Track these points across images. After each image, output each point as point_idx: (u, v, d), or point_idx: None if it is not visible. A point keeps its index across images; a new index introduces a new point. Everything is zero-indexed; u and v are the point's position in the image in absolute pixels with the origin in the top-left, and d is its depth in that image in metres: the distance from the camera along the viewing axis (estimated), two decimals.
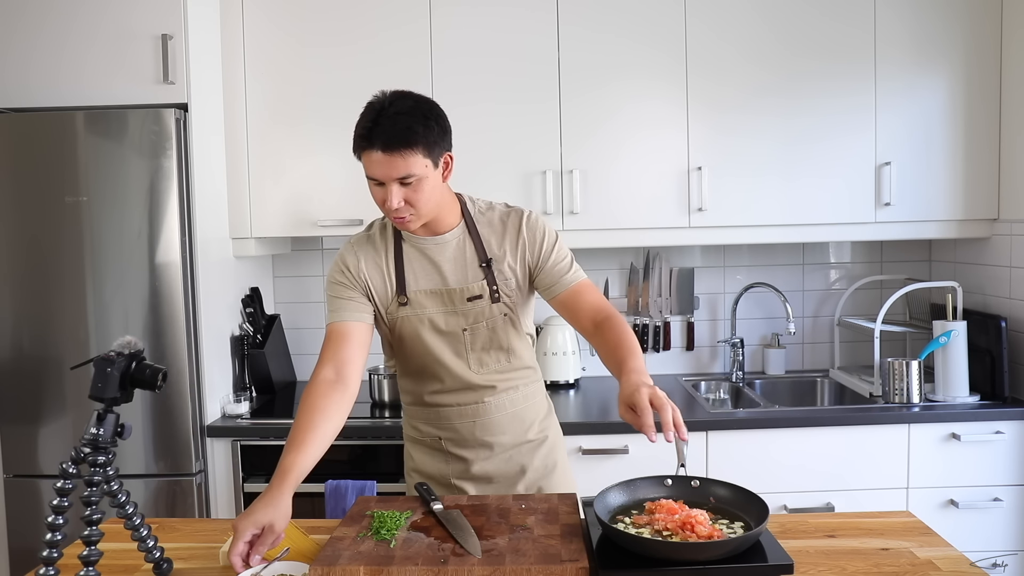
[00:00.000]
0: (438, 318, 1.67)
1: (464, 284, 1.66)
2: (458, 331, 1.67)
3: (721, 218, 2.66)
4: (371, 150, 1.50)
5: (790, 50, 2.62)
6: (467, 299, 1.66)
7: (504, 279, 1.68)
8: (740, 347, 2.96)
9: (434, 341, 1.68)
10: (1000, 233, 2.66)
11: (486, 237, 1.69)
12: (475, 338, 1.68)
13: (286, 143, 2.66)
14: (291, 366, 3.08)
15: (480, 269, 1.67)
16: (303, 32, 2.64)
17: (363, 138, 1.51)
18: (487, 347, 1.70)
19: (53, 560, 1.24)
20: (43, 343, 2.39)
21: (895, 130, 2.64)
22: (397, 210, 1.55)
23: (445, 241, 1.68)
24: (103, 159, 2.35)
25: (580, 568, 1.23)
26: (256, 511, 1.33)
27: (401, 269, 1.67)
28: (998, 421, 2.42)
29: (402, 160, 1.50)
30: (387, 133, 1.49)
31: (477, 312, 1.67)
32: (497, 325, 1.69)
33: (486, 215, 1.72)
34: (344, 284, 1.68)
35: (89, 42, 2.39)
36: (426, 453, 1.80)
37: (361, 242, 1.73)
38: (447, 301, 1.66)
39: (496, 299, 1.67)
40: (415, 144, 1.50)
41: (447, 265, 1.67)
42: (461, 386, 1.71)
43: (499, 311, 1.68)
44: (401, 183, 1.52)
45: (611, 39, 2.62)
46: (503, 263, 1.68)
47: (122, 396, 1.27)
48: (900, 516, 1.55)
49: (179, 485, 2.41)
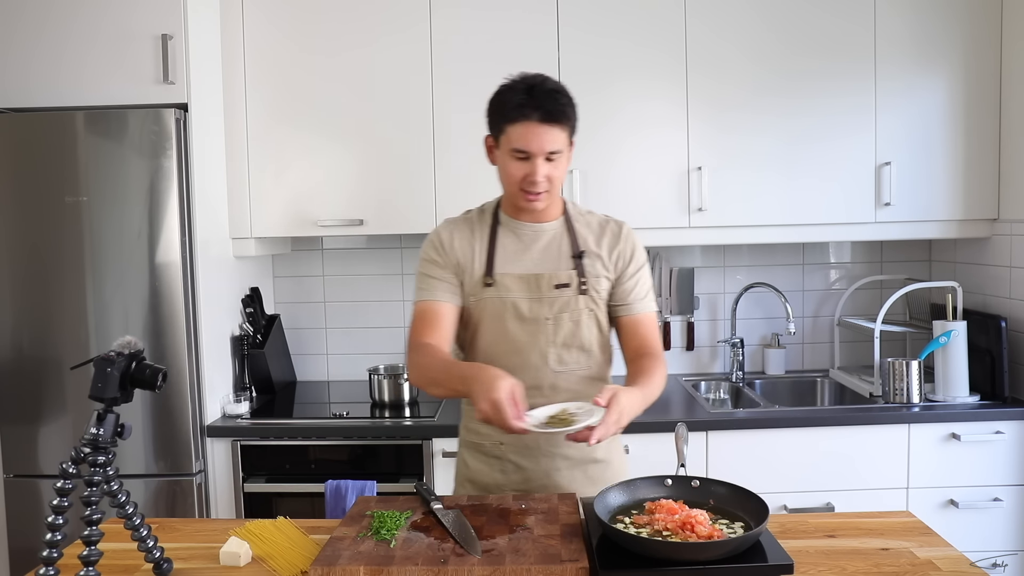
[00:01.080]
0: (522, 304, 1.63)
1: (553, 271, 1.65)
2: (541, 319, 1.63)
3: (721, 218, 2.66)
4: (527, 121, 1.52)
5: (790, 49, 2.62)
6: (554, 286, 1.63)
7: (595, 275, 1.66)
8: (740, 347, 2.96)
9: (516, 328, 1.64)
10: (1000, 233, 2.66)
11: (583, 234, 1.68)
12: (558, 330, 1.64)
13: (286, 143, 2.67)
14: (291, 366, 3.08)
15: (571, 260, 1.66)
16: (303, 33, 2.64)
17: (521, 107, 1.52)
18: (569, 343, 1.65)
19: (53, 560, 1.24)
20: (43, 343, 2.39)
21: (895, 130, 2.64)
22: (538, 185, 1.56)
23: (544, 230, 1.68)
24: (103, 159, 2.35)
25: (580, 568, 1.23)
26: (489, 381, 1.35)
27: (492, 251, 1.66)
28: (998, 421, 2.42)
29: (557, 132, 1.53)
30: (547, 104, 1.52)
31: (563, 302, 1.63)
32: (581, 320, 1.65)
33: (584, 216, 1.72)
34: (436, 262, 1.68)
35: (89, 42, 2.39)
36: (483, 461, 1.72)
37: (457, 221, 1.73)
38: (533, 287, 1.64)
39: (583, 291, 1.64)
40: (568, 120, 1.55)
41: (540, 252, 1.66)
42: (534, 384, 1.63)
43: (585, 305, 1.65)
44: (547, 158, 1.55)
45: (611, 42, 2.62)
46: (596, 260, 1.67)
47: (122, 396, 1.27)
48: (900, 516, 1.55)
49: (179, 485, 2.41)
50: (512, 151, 1.56)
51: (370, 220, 2.67)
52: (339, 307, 3.11)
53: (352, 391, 2.93)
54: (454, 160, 2.65)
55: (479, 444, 1.73)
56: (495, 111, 1.59)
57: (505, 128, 1.56)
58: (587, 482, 1.69)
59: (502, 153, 1.59)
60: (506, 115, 1.55)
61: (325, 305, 3.11)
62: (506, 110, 1.55)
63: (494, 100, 1.60)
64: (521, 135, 1.53)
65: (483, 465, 1.73)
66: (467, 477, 1.76)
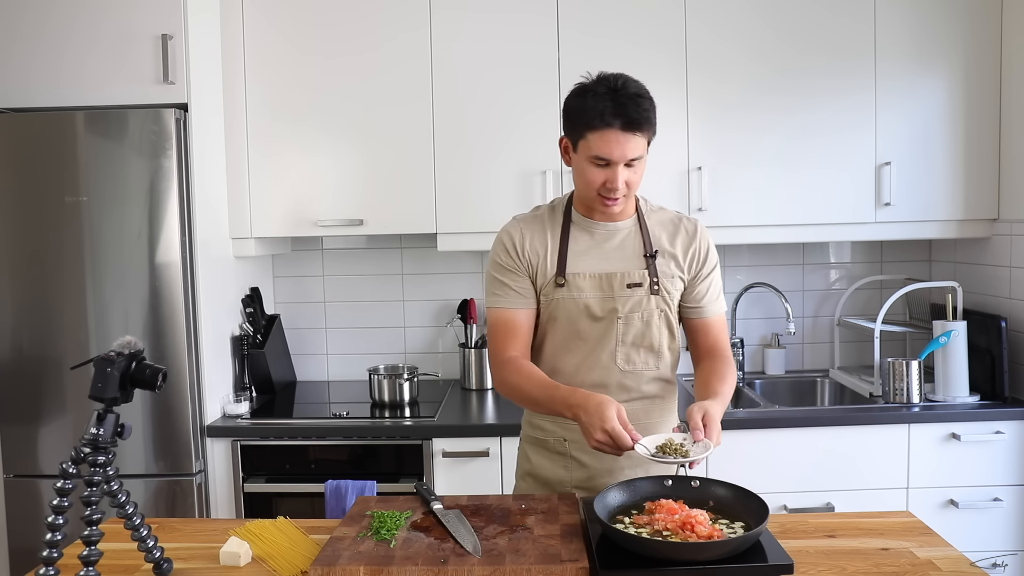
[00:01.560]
0: (594, 303, 1.62)
1: (626, 270, 1.64)
2: (612, 318, 1.63)
3: (721, 218, 2.66)
4: (609, 129, 1.49)
5: (790, 48, 2.62)
6: (627, 285, 1.62)
7: (668, 275, 1.64)
8: (740, 347, 2.96)
9: (587, 327, 1.63)
10: (1000, 233, 2.66)
11: (656, 233, 1.67)
12: (628, 329, 1.63)
13: (286, 143, 2.67)
14: (291, 366, 3.08)
15: (644, 259, 1.65)
16: (303, 33, 2.64)
17: (603, 116, 1.49)
18: (638, 343, 1.64)
19: (53, 560, 1.24)
20: (43, 343, 2.39)
21: (895, 130, 2.64)
22: (617, 191, 1.55)
23: (617, 229, 1.67)
24: (103, 159, 2.35)
25: (580, 568, 1.23)
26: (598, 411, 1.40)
27: (564, 250, 1.65)
28: (998, 421, 2.42)
29: (638, 140, 1.52)
30: (630, 112, 1.49)
31: (635, 301, 1.62)
32: (652, 320, 1.64)
33: (657, 214, 1.71)
34: (508, 267, 1.66)
35: (89, 42, 2.39)
36: (546, 457, 1.73)
37: (527, 220, 1.71)
38: (606, 286, 1.63)
39: (655, 291, 1.63)
40: (650, 126, 1.53)
41: (613, 252, 1.65)
42: (600, 382, 1.65)
43: (656, 305, 1.64)
44: (628, 164, 1.53)
45: (611, 42, 2.62)
46: (670, 260, 1.65)
47: (122, 396, 1.27)
48: (900, 516, 1.55)
49: (179, 485, 2.41)
50: (592, 158, 1.54)
51: (370, 220, 2.67)
52: (339, 307, 3.11)
53: (352, 391, 2.93)
54: (454, 160, 2.65)
55: (543, 440, 1.73)
56: (575, 115, 1.55)
57: (585, 134, 1.53)
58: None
59: (580, 158, 1.57)
60: (588, 122, 1.51)
61: (325, 305, 3.11)
62: (588, 117, 1.51)
63: (573, 103, 1.56)
64: (603, 143, 1.51)
65: (546, 460, 1.72)
66: (528, 471, 1.76)
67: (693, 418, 1.44)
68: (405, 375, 2.69)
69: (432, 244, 2.79)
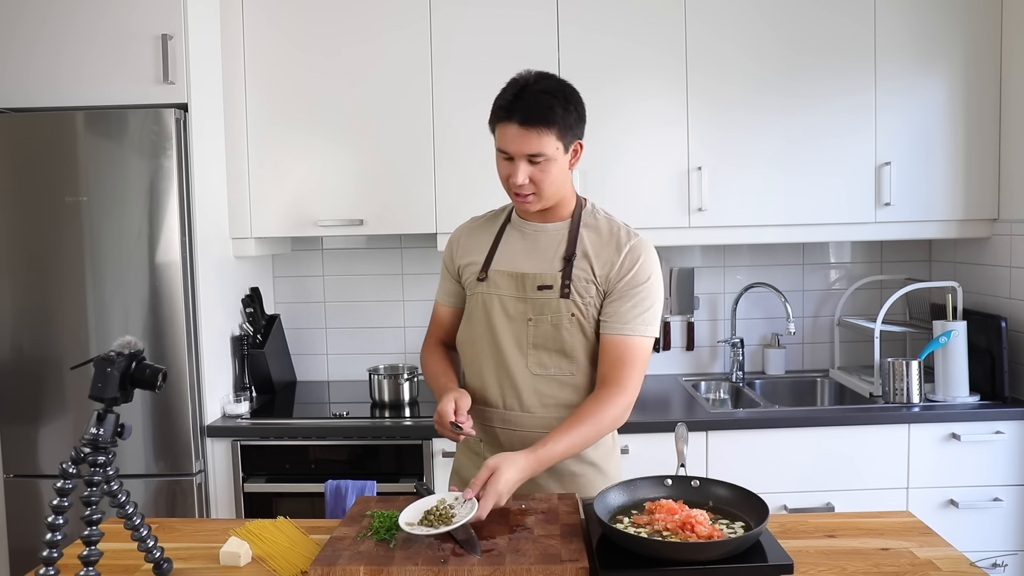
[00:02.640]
0: (508, 301, 1.64)
1: (540, 272, 1.64)
2: (523, 320, 1.63)
3: (721, 218, 2.66)
4: (508, 123, 1.54)
5: (790, 48, 2.62)
6: (537, 287, 1.63)
7: (583, 281, 1.61)
8: (740, 347, 2.96)
9: (500, 323, 1.65)
10: (1000, 233, 2.66)
11: (584, 237, 1.65)
12: (537, 331, 1.62)
13: (286, 143, 2.66)
14: (291, 366, 3.08)
15: (562, 262, 1.64)
16: (303, 32, 2.64)
17: (503, 109, 1.55)
18: (549, 347, 1.63)
19: (53, 560, 1.24)
20: (43, 343, 2.39)
21: (895, 130, 2.64)
22: (520, 187, 1.57)
23: (546, 230, 1.68)
24: (103, 159, 2.35)
25: (580, 568, 1.23)
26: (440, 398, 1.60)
27: (495, 248, 1.70)
28: (998, 421, 2.42)
29: (536, 137, 1.53)
30: (527, 108, 1.52)
31: (543, 303, 1.62)
32: (562, 324, 1.61)
33: (597, 222, 1.67)
34: (445, 264, 1.80)
35: (89, 42, 2.39)
36: (466, 455, 1.77)
37: (477, 219, 1.81)
38: (519, 286, 1.64)
39: (565, 295, 1.61)
40: (552, 124, 1.53)
41: (536, 253, 1.66)
42: (514, 386, 1.65)
43: (566, 309, 1.61)
44: (530, 160, 1.55)
45: (611, 40, 2.62)
46: (589, 266, 1.62)
47: (122, 396, 1.27)
48: (900, 516, 1.55)
49: (179, 485, 2.41)
50: (498, 150, 1.59)
51: (370, 220, 2.67)
52: (339, 307, 3.11)
53: (352, 391, 2.93)
54: (454, 160, 2.65)
55: (466, 440, 1.76)
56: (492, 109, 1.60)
57: (494, 127, 1.59)
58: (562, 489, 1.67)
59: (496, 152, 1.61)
60: (493, 114, 1.58)
61: (325, 305, 3.11)
62: (495, 109, 1.58)
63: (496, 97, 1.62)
64: (502, 135, 1.56)
65: (466, 460, 1.77)
66: (455, 470, 1.83)
67: (479, 473, 1.40)
68: (405, 375, 2.69)
69: (432, 244, 2.79)
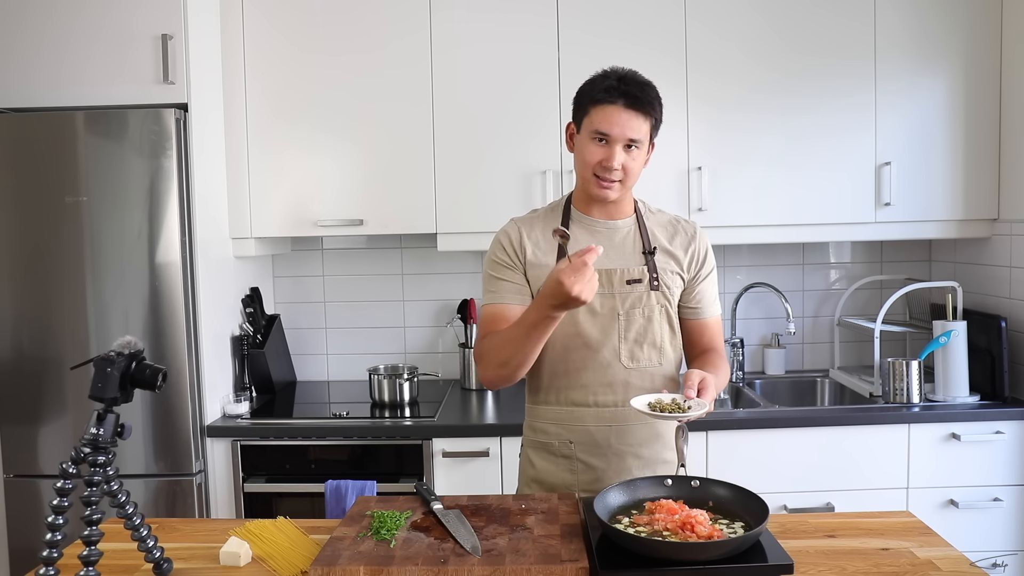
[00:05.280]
0: (594, 299, 1.60)
1: (626, 267, 1.65)
2: (613, 314, 1.63)
3: (721, 218, 2.66)
4: (613, 104, 1.54)
5: (790, 48, 2.62)
6: (626, 281, 1.63)
7: (667, 272, 1.66)
8: (740, 347, 2.96)
9: (586, 320, 1.62)
10: (1000, 233, 2.66)
11: (655, 232, 1.69)
12: (630, 325, 1.63)
13: (286, 143, 2.67)
14: (291, 366, 3.08)
15: (643, 256, 1.66)
16: (303, 33, 2.64)
17: (608, 91, 1.55)
18: (641, 340, 1.64)
19: (53, 560, 1.24)
20: (43, 343, 2.39)
21: (895, 130, 2.64)
22: (613, 172, 1.57)
23: (617, 227, 1.68)
24: (103, 159, 2.35)
25: (580, 568, 1.23)
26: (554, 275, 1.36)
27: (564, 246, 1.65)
28: (998, 421, 2.42)
29: (639, 121, 1.55)
30: (635, 91, 1.55)
31: (635, 297, 1.63)
32: (654, 316, 1.64)
33: (656, 215, 1.73)
34: (503, 263, 1.66)
35: (89, 42, 2.39)
36: (551, 461, 1.69)
37: (526, 218, 1.73)
38: (605, 282, 1.62)
39: (655, 287, 1.64)
40: (651, 112, 1.57)
41: (613, 249, 1.66)
42: (606, 381, 1.64)
43: (657, 301, 1.64)
44: (626, 146, 1.56)
45: (611, 43, 2.61)
46: (670, 258, 1.67)
47: (122, 396, 1.27)
48: (900, 516, 1.55)
49: (179, 485, 2.41)
50: (593, 132, 1.57)
51: (370, 220, 2.67)
52: (339, 307, 3.11)
53: (352, 391, 2.93)
54: (454, 160, 2.65)
55: (546, 444, 1.70)
56: (582, 94, 1.61)
57: (589, 109, 1.57)
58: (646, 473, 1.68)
59: (582, 137, 1.61)
60: (593, 96, 1.57)
61: (325, 305, 3.11)
62: (594, 91, 1.57)
63: (583, 86, 1.62)
64: (604, 117, 1.55)
65: (551, 465, 1.70)
66: (533, 477, 1.72)
67: (690, 378, 1.47)
68: (405, 375, 2.69)
69: (432, 244, 2.79)
